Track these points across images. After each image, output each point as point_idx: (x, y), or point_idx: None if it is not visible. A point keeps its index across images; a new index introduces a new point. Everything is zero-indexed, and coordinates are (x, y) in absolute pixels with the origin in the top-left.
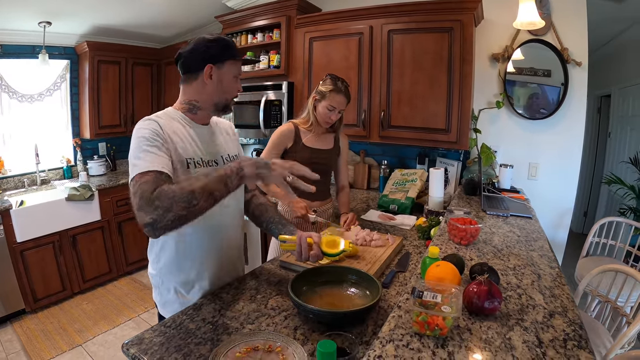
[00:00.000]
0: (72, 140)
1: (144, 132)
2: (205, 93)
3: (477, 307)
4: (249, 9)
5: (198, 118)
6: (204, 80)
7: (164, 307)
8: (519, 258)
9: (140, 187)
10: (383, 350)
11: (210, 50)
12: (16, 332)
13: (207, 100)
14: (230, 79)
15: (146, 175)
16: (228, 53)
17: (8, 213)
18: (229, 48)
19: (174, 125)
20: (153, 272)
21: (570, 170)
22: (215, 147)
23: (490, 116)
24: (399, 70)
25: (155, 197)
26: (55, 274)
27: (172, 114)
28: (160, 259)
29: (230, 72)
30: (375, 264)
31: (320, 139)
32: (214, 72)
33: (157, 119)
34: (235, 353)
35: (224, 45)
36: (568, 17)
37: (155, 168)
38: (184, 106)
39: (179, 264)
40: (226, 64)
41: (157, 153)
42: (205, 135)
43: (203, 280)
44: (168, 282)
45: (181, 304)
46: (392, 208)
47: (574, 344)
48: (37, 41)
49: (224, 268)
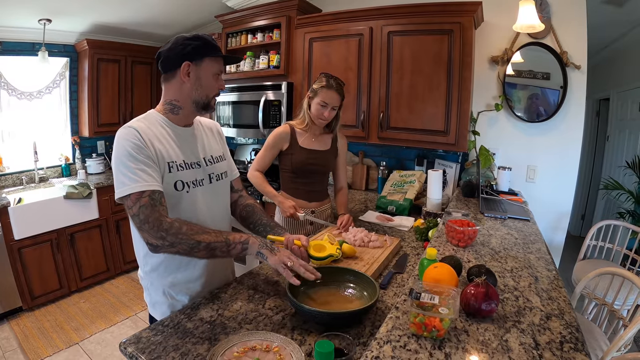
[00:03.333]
0: (70, 138)
1: (126, 144)
2: (184, 91)
3: (475, 309)
4: (249, 9)
5: (179, 119)
6: (181, 78)
7: (153, 308)
8: (516, 260)
9: (141, 211)
10: (380, 351)
11: (187, 47)
12: (13, 330)
13: (186, 99)
14: (208, 76)
15: (143, 198)
16: (206, 50)
17: (6, 210)
18: (207, 45)
19: (154, 130)
20: (142, 274)
21: (568, 173)
22: (198, 149)
23: (489, 118)
24: (399, 72)
25: (164, 230)
26: (52, 272)
27: (153, 117)
28: (147, 261)
29: (209, 70)
30: (373, 265)
31: (317, 140)
32: (192, 70)
33: (137, 126)
34: (233, 353)
35: (202, 42)
36: (568, 20)
37: (149, 188)
38: (165, 107)
39: (167, 267)
40: (204, 61)
41: (143, 168)
42: (187, 137)
43: (191, 283)
44: (157, 283)
45: (170, 305)
46: (390, 209)
47: (570, 346)
48: (37, 38)
49: (212, 270)
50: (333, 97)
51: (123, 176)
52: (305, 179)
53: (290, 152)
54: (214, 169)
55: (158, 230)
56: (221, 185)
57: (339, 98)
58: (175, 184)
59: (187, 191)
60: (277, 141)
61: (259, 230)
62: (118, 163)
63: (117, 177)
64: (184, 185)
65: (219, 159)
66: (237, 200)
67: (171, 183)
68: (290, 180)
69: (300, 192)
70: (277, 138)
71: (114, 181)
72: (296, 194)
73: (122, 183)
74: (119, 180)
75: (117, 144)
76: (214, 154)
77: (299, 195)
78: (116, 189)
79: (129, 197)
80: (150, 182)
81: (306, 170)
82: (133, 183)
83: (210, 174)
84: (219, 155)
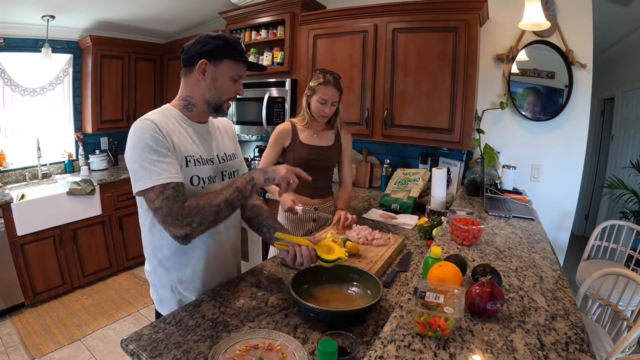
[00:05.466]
0: (74, 135)
1: (145, 137)
2: (199, 89)
3: (480, 308)
4: (253, 6)
5: (194, 116)
6: (197, 76)
7: (161, 305)
8: (521, 260)
9: (164, 204)
10: (384, 350)
11: (207, 45)
12: (15, 326)
13: (200, 97)
14: (225, 79)
15: (166, 190)
16: (226, 51)
17: (9, 206)
18: (228, 47)
19: (170, 124)
20: (149, 269)
21: (573, 173)
22: (212, 146)
23: (494, 117)
24: (403, 69)
25: (186, 214)
26: (55, 268)
27: (169, 111)
28: (156, 256)
29: (226, 73)
30: (377, 263)
31: (318, 136)
32: (208, 69)
33: (154, 119)
34: (235, 351)
35: (223, 43)
36: (574, 18)
37: (171, 180)
38: (180, 102)
39: (176, 263)
40: (223, 62)
41: (165, 160)
42: (202, 134)
43: (198, 279)
44: (164, 279)
45: (178, 302)
46: (394, 207)
47: (576, 347)
48: (41, 35)
49: (220, 267)
50: (332, 92)
51: (143, 169)
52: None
53: (291, 149)
54: (227, 167)
55: (183, 218)
56: None
57: (338, 93)
58: (192, 178)
59: (202, 187)
60: (279, 138)
61: (263, 231)
62: (136, 156)
63: (136, 170)
64: (199, 181)
65: (231, 157)
66: None
67: (188, 177)
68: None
69: (302, 189)
70: (279, 135)
71: (132, 175)
72: (299, 191)
73: (143, 176)
74: (138, 173)
75: (134, 137)
76: (227, 151)
77: (302, 192)
78: (136, 183)
79: (151, 190)
80: (173, 174)
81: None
82: (156, 175)
83: (223, 171)
84: (232, 153)
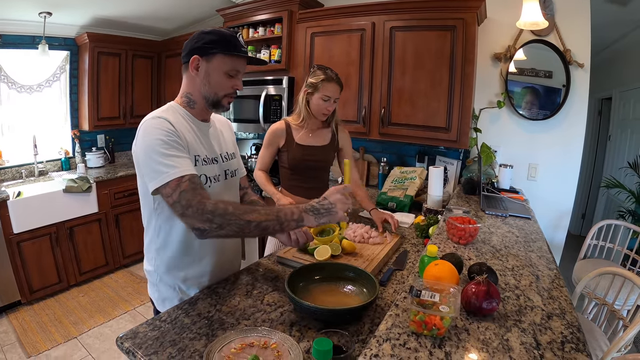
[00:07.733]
0: (70, 132)
1: (159, 133)
2: (196, 85)
3: (475, 307)
4: (251, 3)
5: (197, 113)
6: (190, 72)
7: (162, 304)
8: (517, 259)
9: (182, 197)
10: (380, 349)
11: (199, 41)
12: (11, 324)
13: (197, 93)
14: (219, 73)
15: (183, 183)
16: (218, 46)
17: (5, 204)
18: (221, 41)
19: (181, 122)
20: (150, 269)
21: (569, 172)
22: (215, 145)
23: (491, 116)
24: (401, 68)
25: (209, 212)
26: (51, 265)
27: (176, 109)
28: (159, 255)
29: (220, 67)
30: (373, 262)
31: (314, 135)
32: (201, 65)
33: (166, 116)
34: (230, 349)
35: (216, 38)
36: (571, 18)
37: (187, 172)
38: (183, 99)
39: (180, 262)
40: (215, 57)
41: (180, 155)
42: (207, 132)
43: (202, 277)
44: (167, 278)
45: (180, 300)
46: (391, 205)
47: (571, 346)
48: (37, 32)
49: (222, 264)
50: (335, 89)
51: (158, 165)
52: (303, 175)
53: (286, 149)
54: (229, 165)
55: (203, 213)
56: (234, 182)
57: (340, 89)
58: (199, 178)
59: (209, 186)
60: (273, 138)
61: None
62: (151, 152)
63: (151, 167)
64: (206, 180)
65: (232, 156)
66: (242, 197)
67: None
68: (288, 177)
69: (298, 189)
70: (273, 135)
71: (146, 173)
72: (295, 191)
73: (159, 172)
74: (153, 169)
75: (147, 134)
76: (229, 150)
77: (298, 192)
78: (151, 180)
79: (167, 185)
80: (188, 168)
81: (303, 166)
82: (171, 170)
83: (226, 170)
84: (232, 152)
